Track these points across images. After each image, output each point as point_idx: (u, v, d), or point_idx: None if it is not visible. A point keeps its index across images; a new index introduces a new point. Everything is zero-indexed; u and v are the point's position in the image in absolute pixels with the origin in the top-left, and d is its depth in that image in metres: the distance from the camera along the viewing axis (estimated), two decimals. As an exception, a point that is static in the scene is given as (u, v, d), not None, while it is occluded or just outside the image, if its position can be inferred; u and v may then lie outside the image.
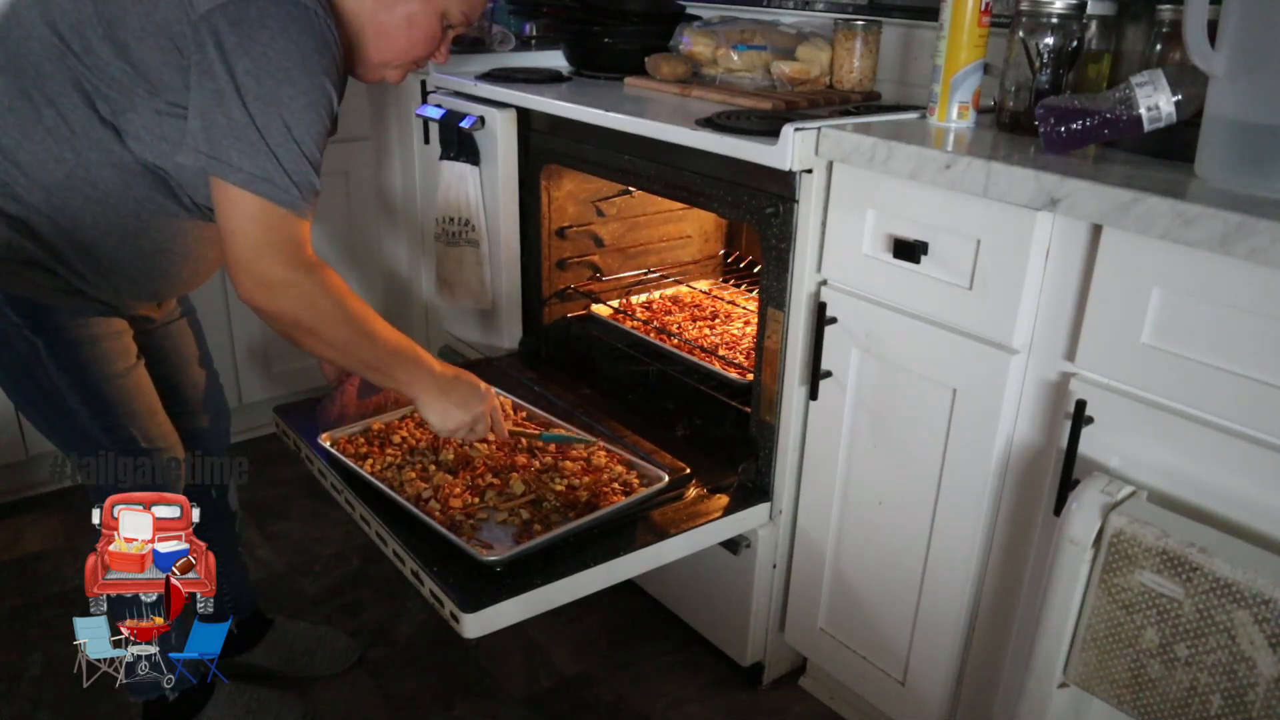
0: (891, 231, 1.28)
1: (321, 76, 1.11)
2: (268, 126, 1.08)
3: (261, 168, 1.08)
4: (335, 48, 1.13)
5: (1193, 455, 1.03)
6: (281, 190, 1.10)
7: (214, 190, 1.11)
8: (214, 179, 1.10)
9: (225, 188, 1.09)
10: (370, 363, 1.25)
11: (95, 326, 1.24)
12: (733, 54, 1.79)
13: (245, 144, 1.07)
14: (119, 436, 1.27)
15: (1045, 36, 1.29)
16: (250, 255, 1.11)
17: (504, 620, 1.24)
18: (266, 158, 1.08)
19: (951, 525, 1.29)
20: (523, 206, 1.95)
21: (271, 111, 1.08)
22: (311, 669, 1.67)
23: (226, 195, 1.10)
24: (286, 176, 1.10)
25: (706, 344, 1.87)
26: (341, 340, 1.20)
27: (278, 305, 1.13)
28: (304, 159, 1.11)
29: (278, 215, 1.11)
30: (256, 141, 1.07)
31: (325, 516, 2.13)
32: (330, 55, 1.12)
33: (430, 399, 1.30)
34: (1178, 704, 0.99)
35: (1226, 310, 0.98)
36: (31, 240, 1.16)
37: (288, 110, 1.08)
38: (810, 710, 1.63)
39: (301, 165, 1.11)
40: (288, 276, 1.12)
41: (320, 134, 1.14)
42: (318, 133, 1.13)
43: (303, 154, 1.11)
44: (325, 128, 1.15)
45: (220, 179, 1.09)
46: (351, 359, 1.24)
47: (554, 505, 1.38)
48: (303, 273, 1.13)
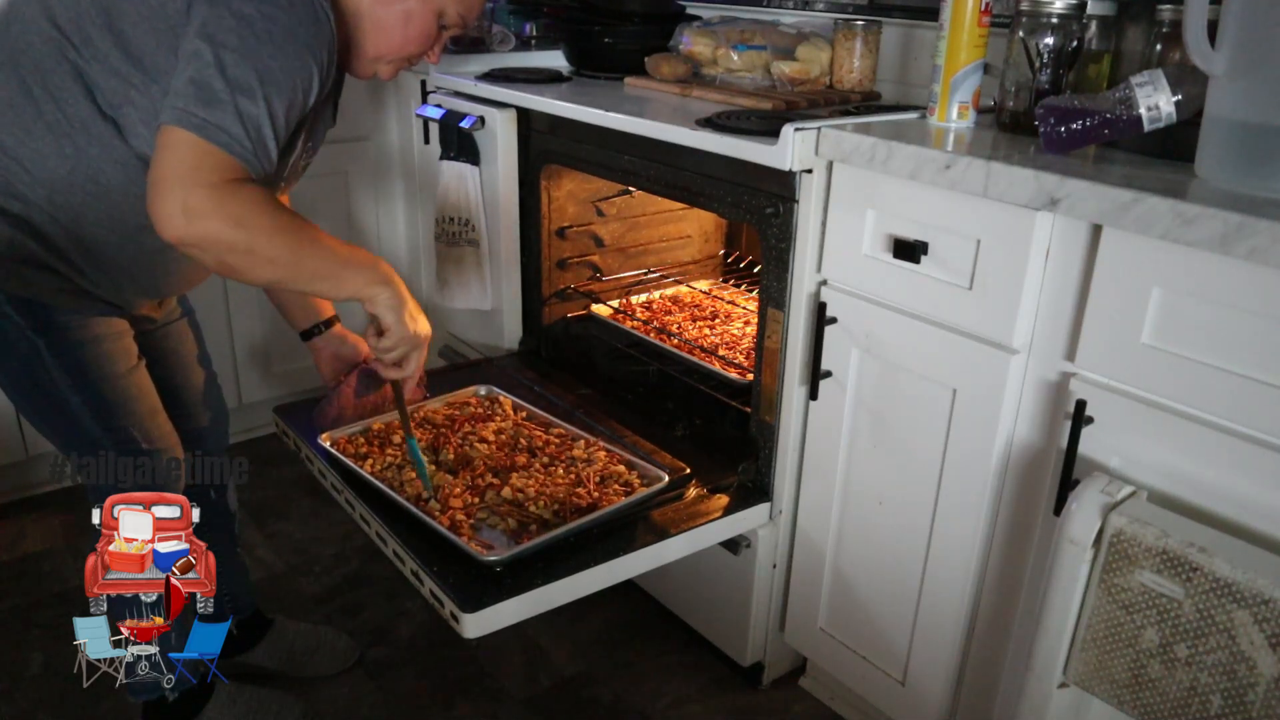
0: (891, 231, 1.28)
1: (307, 54, 1.08)
2: (238, 81, 1.04)
3: (219, 118, 1.03)
4: (329, 29, 1.11)
5: (1193, 455, 1.03)
6: (234, 141, 1.04)
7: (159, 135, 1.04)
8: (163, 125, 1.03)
9: (169, 130, 1.03)
10: (319, 272, 1.15)
11: (97, 327, 1.24)
12: (733, 54, 1.79)
13: (209, 94, 1.03)
14: (120, 437, 1.27)
15: (1045, 36, 1.29)
16: (172, 178, 1.02)
17: (504, 620, 1.23)
18: (228, 111, 1.03)
19: (951, 525, 1.29)
20: (523, 206, 1.95)
21: (247, 68, 1.04)
22: (311, 669, 1.67)
23: (167, 133, 1.03)
24: (243, 129, 1.04)
25: (706, 344, 1.87)
26: (283, 254, 1.09)
27: (203, 230, 1.03)
28: (269, 121, 1.06)
29: (220, 157, 1.04)
30: (222, 93, 1.03)
31: (325, 516, 2.13)
32: (323, 35, 1.10)
33: (386, 298, 1.21)
34: (1178, 704, 0.99)
35: (1226, 310, 0.98)
36: (34, 239, 1.16)
37: (266, 71, 1.05)
38: (810, 710, 1.63)
39: (264, 129, 1.06)
40: (210, 196, 1.03)
41: (294, 107, 1.09)
42: (291, 103, 1.09)
43: (270, 116, 1.06)
44: (301, 102, 1.10)
45: (171, 125, 1.03)
46: (298, 272, 1.14)
47: (543, 511, 1.38)
48: (227, 193, 1.04)
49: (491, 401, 1.72)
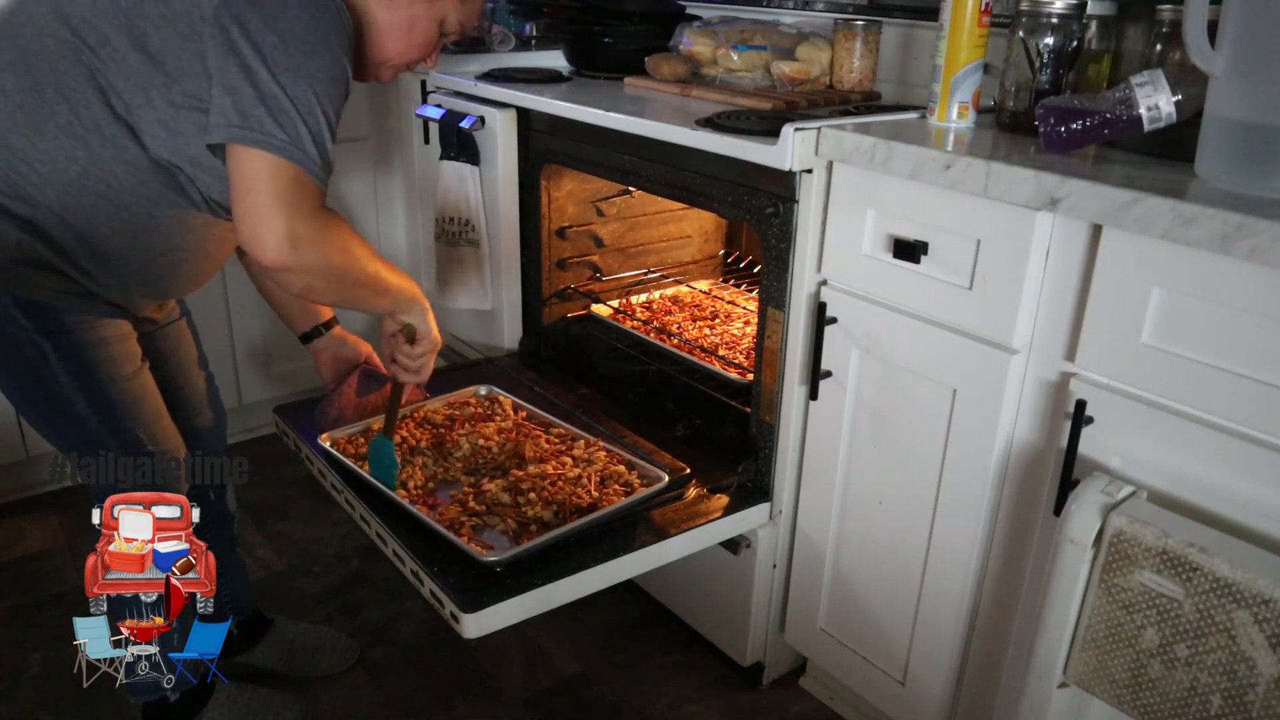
0: (891, 231, 1.28)
1: (342, 55, 1.13)
2: (299, 97, 1.08)
3: (295, 135, 1.08)
4: (350, 32, 1.14)
5: (1193, 455, 1.03)
6: (310, 160, 1.10)
7: (235, 158, 1.08)
8: (236, 147, 1.08)
9: (251, 154, 1.08)
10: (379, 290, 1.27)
11: (103, 329, 1.24)
12: (733, 54, 1.79)
13: (279, 113, 1.07)
14: (125, 439, 1.27)
15: (1045, 36, 1.29)
16: (273, 210, 1.08)
17: (504, 620, 1.24)
18: (300, 126, 1.08)
19: (951, 525, 1.29)
20: (523, 206, 1.95)
21: (302, 83, 1.08)
22: (311, 669, 1.67)
23: (251, 158, 1.08)
24: (315, 148, 1.10)
25: (706, 344, 1.87)
26: (361, 277, 1.22)
27: (309, 259, 1.11)
28: (328, 133, 1.12)
29: (304, 180, 1.10)
30: (290, 110, 1.07)
31: (325, 516, 2.13)
32: (347, 36, 1.14)
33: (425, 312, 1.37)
34: (1178, 704, 0.99)
35: (1226, 310, 0.98)
36: (42, 241, 1.16)
37: (317, 82, 1.09)
38: (810, 710, 1.63)
39: (326, 139, 1.12)
40: (314, 227, 1.11)
41: (341, 108, 1.15)
42: (339, 107, 1.14)
43: (328, 127, 1.12)
44: (342, 107, 1.15)
45: (251, 147, 1.07)
46: (367, 294, 1.26)
47: (543, 512, 1.38)
48: (325, 223, 1.13)
49: (491, 401, 1.72)
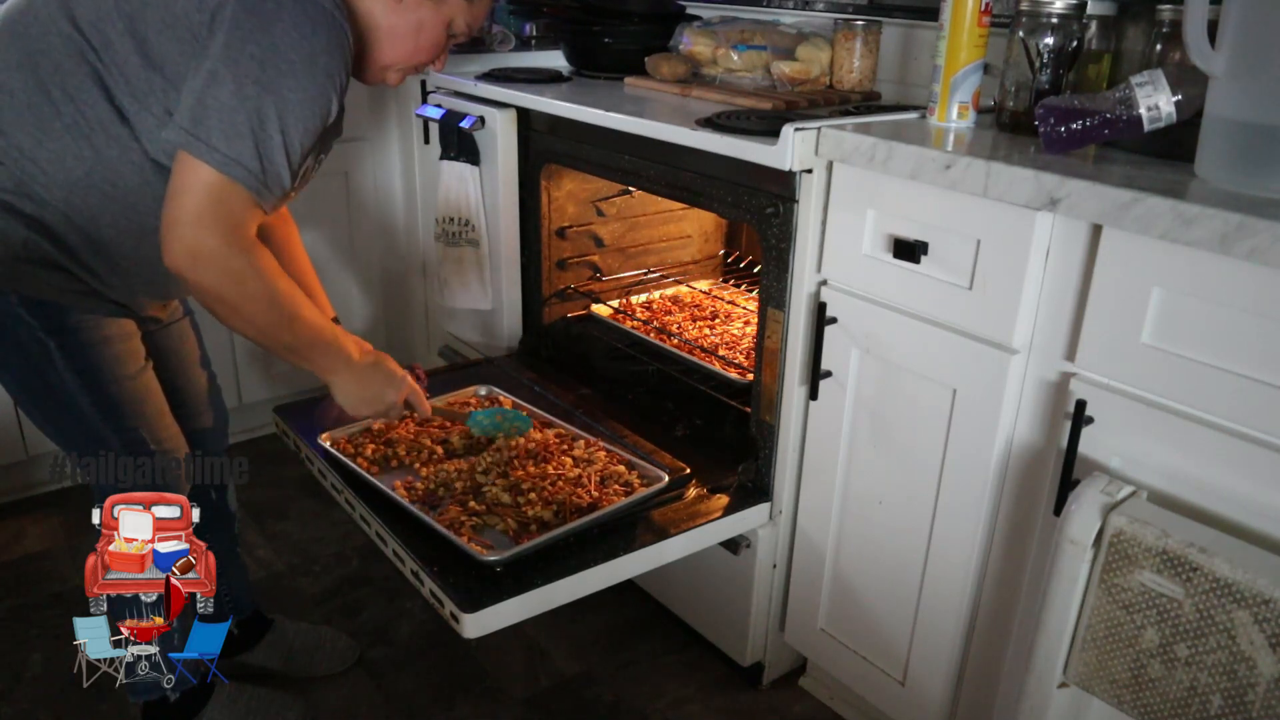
0: (891, 231, 1.28)
1: (325, 79, 1.11)
2: (258, 113, 1.07)
3: (238, 151, 1.07)
4: (347, 51, 1.13)
5: (1193, 455, 1.03)
6: (251, 175, 1.09)
7: (178, 159, 1.08)
8: (182, 153, 1.07)
9: (190, 161, 1.07)
10: (289, 346, 1.22)
11: (108, 328, 1.24)
12: (733, 54, 1.79)
13: (230, 126, 1.06)
14: (128, 439, 1.27)
15: (1045, 36, 1.29)
16: (190, 220, 1.07)
17: (504, 620, 1.24)
18: (247, 143, 1.07)
19: (951, 525, 1.29)
20: (523, 206, 1.95)
21: (267, 100, 1.07)
22: (311, 669, 1.67)
23: (189, 165, 1.07)
24: (259, 164, 1.09)
25: (706, 344, 1.87)
26: (263, 322, 1.17)
27: (203, 277, 1.09)
28: (284, 154, 1.10)
29: (236, 194, 1.09)
30: (242, 126, 1.06)
31: (325, 516, 2.13)
32: (340, 58, 1.12)
33: (343, 384, 1.31)
34: (1178, 704, 0.99)
35: (1226, 310, 0.98)
36: (48, 240, 1.16)
37: (285, 104, 1.08)
38: (810, 710, 1.63)
39: (279, 160, 1.10)
40: (220, 250, 1.08)
41: (309, 135, 1.13)
42: (306, 131, 1.12)
43: (285, 149, 1.10)
44: (317, 129, 1.14)
45: (191, 155, 1.07)
46: (270, 340, 1.21)
47: (543, 511, 1.37)
48: (237, 250, 1.10)
49: (492, 401, 1.72)
